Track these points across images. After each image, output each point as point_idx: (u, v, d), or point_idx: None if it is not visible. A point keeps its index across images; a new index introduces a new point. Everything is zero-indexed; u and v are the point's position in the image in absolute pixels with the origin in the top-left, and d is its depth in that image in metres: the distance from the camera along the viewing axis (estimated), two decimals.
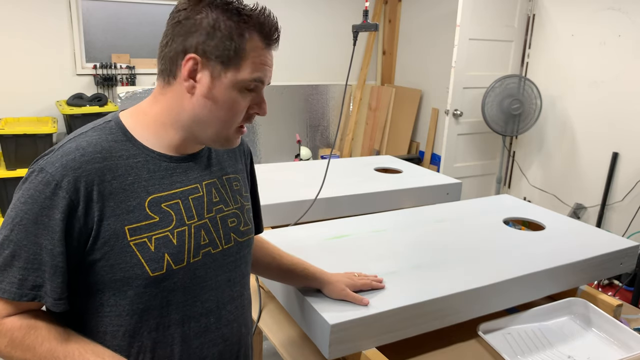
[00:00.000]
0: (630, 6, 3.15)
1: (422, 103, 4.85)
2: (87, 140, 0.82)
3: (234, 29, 0.81)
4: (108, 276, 0.81)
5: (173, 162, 0.89)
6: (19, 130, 3.22)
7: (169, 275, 0.84)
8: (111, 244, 0.80)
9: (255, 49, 0.83)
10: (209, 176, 0.94)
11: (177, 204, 0.87)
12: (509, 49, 3.83)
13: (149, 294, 0.83)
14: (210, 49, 0.81)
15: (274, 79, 4.78)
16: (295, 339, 1.30)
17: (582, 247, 1.51)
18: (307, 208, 1.78)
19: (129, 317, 0.84)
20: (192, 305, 0.89)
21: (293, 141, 4.98)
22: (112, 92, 4.09)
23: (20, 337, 0.77)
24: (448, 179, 2.20)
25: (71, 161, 0.79)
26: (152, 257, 0.82)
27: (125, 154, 0.84)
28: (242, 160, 1.06)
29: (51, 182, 0.77)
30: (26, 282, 0.77)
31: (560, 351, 1.24)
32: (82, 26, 3.97)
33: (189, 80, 0.83)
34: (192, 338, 0.89)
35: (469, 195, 3.83)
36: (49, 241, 0.77)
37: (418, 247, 1.46)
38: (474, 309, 1.26)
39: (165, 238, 0.84)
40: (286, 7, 4.68)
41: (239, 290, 0.97)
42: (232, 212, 0.96)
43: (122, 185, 0.82)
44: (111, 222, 0.80)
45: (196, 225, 0.89)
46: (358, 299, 1.13)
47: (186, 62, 0.82)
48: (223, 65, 0.82)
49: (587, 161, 3.50)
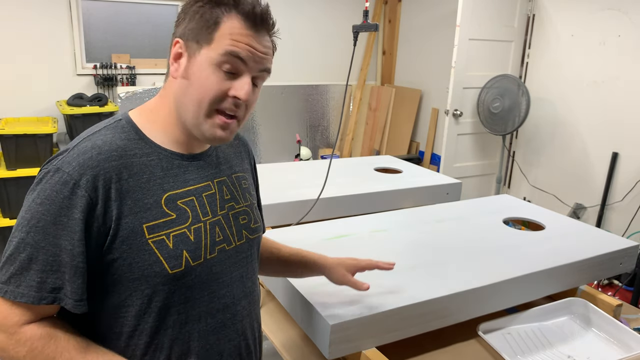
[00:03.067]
0: (630, 6, 3.15)
1: (422, 103, 4.85)
2: (102, 139, 0.82)
3: (213, 9, 0.83)
4: (126, 275, 0.81)
5: (185, 160, 0.89)
6: (19, 130, 3.22)
7: (187, 272, 0.84)
8: (129, 242, 0.80)
9: (232, 27, 0.82)
10: (219, 174, 0.95)
11: (192, 201, 0.87)
12: (508, 49, 3.83)
13: (167, 292, 0.83)
14: (189, 31, 0.84)
15: (274, 79, 4.78)
16: (295, 339, 1.30)
17: (582, 247, 1.51)
18: (307, 208, 1.78)
19: (147, 315, 0.83)
20: (210, 302, 0.89)
21: (293, 141, 4.97)
22: (112, 92, 4.09)
23: (40, 348, 0.76)
24: (448, 179, 2.20)
25: (88, 160, 0.79)
26: (170, 254, 0.82)
27: (139, 152, 0.84)
28: (247, 159, 1.07)
29: (69, 182, 0.77)
30: (45, 284, 0.76)
31: (560, 351, 1.24)
32: (82, 26, 3.97)
33: (173, 64, 0.85)
34: (209, 334, 0.89)
35: (469, 195, 3.83)
36: (68, 241, 0.76)
37: (418, 247, 1.46)
38: (474, 309, 1.26)
39: (183, 235, 0.84)
40: (287, 7, 4.68)
41: (250, 286, 0.98)
42: (243, 210, 0.97)
43: (139, 183, 0.82)
44: (129, 221, 0.80)
45: (211, 222, 0.89)
46: (359, 284, 1.08)
47: (173, 47, 0.85)
48: (198, 43, 0.83)
49: (587, 161, 3.50)
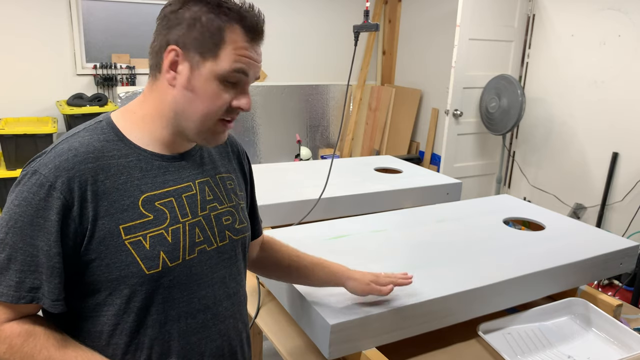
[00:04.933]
0: (630, 6, 3.15)
1: (422, 103, 4.85)
2: (79, 140, 0.83)
3: (214, 20, 0.82)
4: (104, 275, 0.81)
5: (165, 161, 0.89)
6: (19, 130, 3.22)
7: (164, 273, 0.85)
8: (106, 243, 0.80)
9: (236, 41, 0.83)
10: (201, 175, 0.94)
11: (170, 202, 0.87)
12: (509, 49, 3.83)
13: (146, 292, 0.84)
14: (190, 41, 0.83)
15: (274, 78, 4.78)
16: (295, 338, 1.30)
17: (582, 247, 1.51)
18: (307, 208, 1.78)
19: (127, 315, 0.84)
20: (189, 302, 0.89)
21: (293, 141, 4.97)
22: (112, 92, 4.09)
23: (19, 344, 0.77)
24: (448, 179, 2.20)
25: (64, 162, 0.79)
26: (147, 255, 0.83)
27: (117, 154, 0.84)
28: (235, 159, 1.06)
29: (45, 184, 0.78)
30: (23, 284, 0.77)
31: (560, 351, 1.24)
32: (82, 26, 3.97)
33: (170, 72, 0.84)
34: (189, 334, 0.90)
35: (469, 195, 3.83)
36: (45, 242, 0.77)
37: (418, 247, 1.46)
38: (474, 309, 1.26)
39: (160, 236, 0.85)
40: (286, 7, 4.68)
41: (234, 287, 0.98)
42: (227, 210, 0.97)
43: (115, 184, 0.82)
44: (105, 222, 0.80)
45: (190, 223, 0.89)
46: (383, 290, 1.11)
47: (168, 54, 0.83)
48: (201, 55, 0.83)
49: (587, 161, 3.50)
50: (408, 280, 1.16)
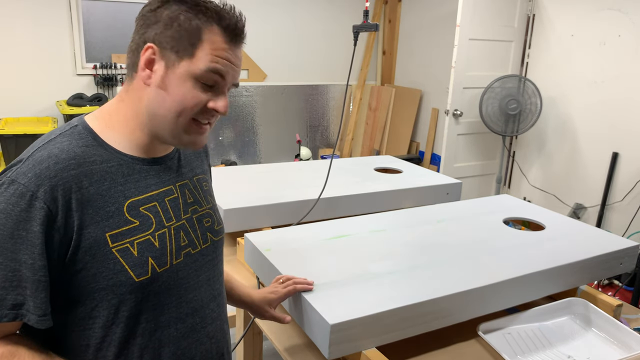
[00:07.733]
0: (630, 6, 3.15)
1: (422, 103, 4.85)
2: (59, 147, 0.79)
3: (191, 19, 0.81)
4: (91, 286, 0.79)
5: (146, 165, 0.87)
6: (19, 130, 3.23)
7: (154, 279, 0.83)
8: (93, 252, 0.78)
9: (214, 42, 0.81)
10: (180, 178, 0.93)
11: (154, 206, 0.86)
12: (509, 49, 3.83)
13: (135, 300, 0.82)
14: (167, 39, 0.81)
15: (274, 78, 4.78)
16: (295, 339, 1.30)
17: (582, 247, 1.50)
18: (307, 208, 1.78)
19: (115, 326, 0.82)
20: (178, 307, 0.88)
21: (293, 141, 4.97)
22: (112, 92, 4.09)
23: None
24: (448, 179, 2.20)
25: (45, 170, 0.75)
26: (136, 262, 0.81)
27: (98, 159, 0.82)
28: (205, 159, 1.06)
29: (26, 194, 0.73)
30: (5, 301, 0.72)
31: (560, 351, 1.24)
32: (82, 26, 3.97)
33: (145, 70, 0.82)
34: (180, 339, 0.89)
35: (469, 195, 3.83)
36: (28, 255, 0.73)
37: (418, 247, 1.46)
38: (474, 309, 1.26)
39: (148, 242, 0.83)
40: (286, 7, 4.68)
41: (218, 288, 0.98)
42: (206, 212, 0.97)
43: (99, 191, 0.80)
44: (91, 230, 0.78)
45: (175, 227, 0.88)
46: (280, 318, 1.14)
47: (144, 52, 0.82)
48: (177, 55, 0.81)
49: (587, 161, 3.50)
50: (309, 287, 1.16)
